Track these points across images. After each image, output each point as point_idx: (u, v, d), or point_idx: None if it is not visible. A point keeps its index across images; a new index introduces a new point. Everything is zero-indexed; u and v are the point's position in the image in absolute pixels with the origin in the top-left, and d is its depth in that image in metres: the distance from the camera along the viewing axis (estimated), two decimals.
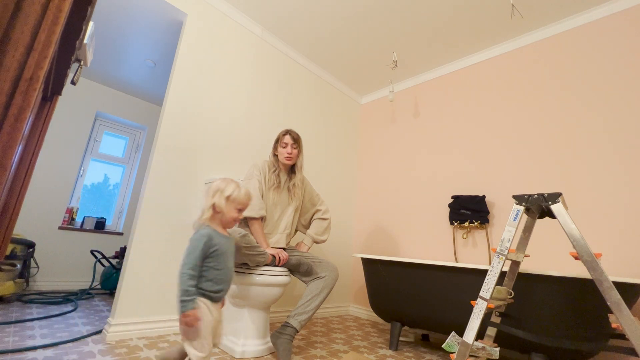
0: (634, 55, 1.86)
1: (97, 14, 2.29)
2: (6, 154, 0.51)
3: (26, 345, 1.36)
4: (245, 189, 1.18)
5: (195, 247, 1.05)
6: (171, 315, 1.79)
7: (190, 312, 0.98)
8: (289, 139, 1.76)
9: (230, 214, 1.14)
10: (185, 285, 1.00)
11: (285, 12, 2.33)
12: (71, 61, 0.91)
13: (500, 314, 1.41)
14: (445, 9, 2.17)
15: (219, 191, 1.13)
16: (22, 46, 0.53)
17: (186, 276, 1.01)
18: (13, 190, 0.86)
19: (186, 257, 1.03)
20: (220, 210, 1.12)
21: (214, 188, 1.14)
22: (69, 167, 3.10)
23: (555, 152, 2.03)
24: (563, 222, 1.09)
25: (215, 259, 1.08)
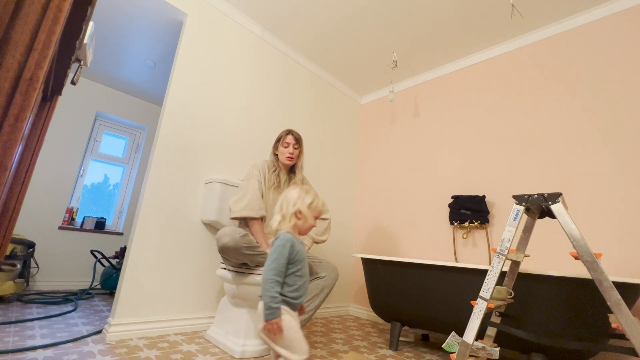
0: (631, 55, 1.86)
1: (97, 14, 2.29)
2: (6, 154, 0.51)
3: (26, 345, 1.36)
4: (322, 198, 1.19)
5: (281, 253, 1.04)
6: (171, 315, 1.79)
7: (275, 320, 0.97)
8: (291, 139, 1.76)
9: (309, 222, 1.15)
10: (272, 291, 0.99)
11: (285, 12, 2.33)
12: (71, 61, 0.91)
13: (500, 314, 1.41)
14: (445, 9, 2.17)
15: (300, 198, 1.14)
16: (22, 46, 0.53)
17: (272, 282, 1.00)
18: (13, 190, 0.86)
19: (272, 263, 1.02)
20: (302, 217, 1.13)
21: (295, 195, 1.15)
22: (69, 167, 3.10)
23: (556, 152, 2.03)
24: (563, 222, 1.09)
25: (296, 265, 1.07)
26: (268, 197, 1.72)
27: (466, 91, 2.59)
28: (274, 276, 1.01)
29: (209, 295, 1.97)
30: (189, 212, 1.94)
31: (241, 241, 1.42)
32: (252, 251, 1.46)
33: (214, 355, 1.47)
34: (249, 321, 1.54)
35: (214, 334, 1.66)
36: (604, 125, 1.89)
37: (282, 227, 1.11)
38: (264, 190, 1.72)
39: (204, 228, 2.00)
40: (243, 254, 1.44)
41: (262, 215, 1.64)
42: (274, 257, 1.04)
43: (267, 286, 1.01)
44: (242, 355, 1.46)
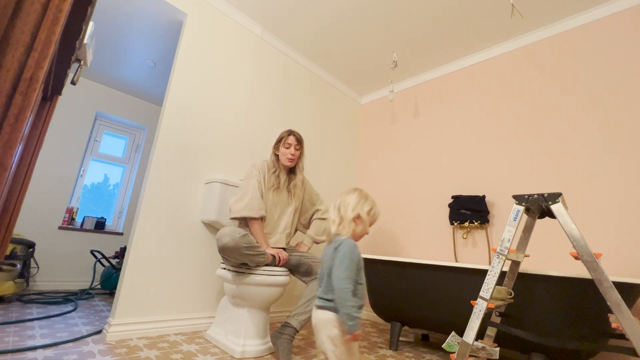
0: (631, 56, 1.86)
1: (97, 14, 2.29)
2: (6, 154, 0.51)
3: (26, 345, 1.36)
4: (378, 208, 1.16)
5: (352, 259, 1.00)
6: (171, 315, 1.79)
7: (358, 332, 0.94)
8: (292, 140, 1.75)
9: (366, 229, 1.12)
10: (352, 301, 0.95)
11: (285, 12, 2.33)
12: (71, 61, 0.91)
13: (500, 314, 1.41)
14: (445, 9, 2.16)
15: (360, 204, 1.11)
16: (22, 46, 0.53)
17: (349, 292, 0.96)
18: (13, 190, 0.86)
19: (345, 270, 0.98)
20: (360, 223, 1.10)
21: (354, 200, 1.11)
22: (69, 167, 3.10)
23: (556, 152, 2.03)
24: (563, 222, 1.09)
25: (359, 272, 1.03)
26: (267, 198, 1.72)
27: (466, 91, 2.59)
28: (350, 285, 0.96)
29: (209, 295, 1.97)
30: (189, 212, 1.94)
31: (241, 241, 1.42)
32: (252, 251, 1.46)
33: (214, 355, 1.47)
34: (249, 321, 1.54)
35: (214, 334, 1.66)
36: (604, 125, 1.89)
37: (342, 232, 1.08)
38: (264, 191, 1.72)
39: (204, 228, 2.00)
40: (243, 254, 1.44)
41: (262, 215, 1.64)
42: (347, 265, 0.99)
43: (346, 296, 0.95)
44: (242, 355, 1.46)
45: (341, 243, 1.04)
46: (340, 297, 0.96)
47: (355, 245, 1.04)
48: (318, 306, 1.04)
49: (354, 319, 0.94)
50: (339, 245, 1.04)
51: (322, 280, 1.08)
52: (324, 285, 1.06)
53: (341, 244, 1.04)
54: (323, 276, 1.08)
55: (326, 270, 1.05)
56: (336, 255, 1.02)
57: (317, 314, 1.03)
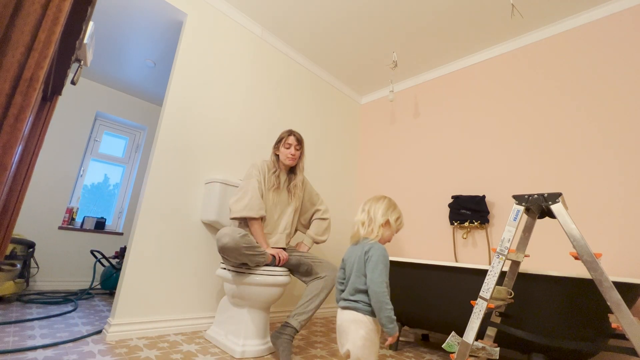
0: (631, 56, 1.86)
1: (97, 14, 2.29)
2: (6, 154, 0.51)
3: (26, 345, 1.36)
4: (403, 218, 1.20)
5: (386, 264, 1.04)
6: (171, 315, 1.79)
7: (396, 333, 0.98)
8: (293, 140, 1.75)
9: (391, 235, 1.16)
10: (390, 304, 0.98)
11: (285, 12, 2.33)
12: (71, 61, 0.91)
13: (500, 314, 1.41)
14: (445, 9, 2.17)
15: (389, 210, 1.15)
16: (22, 46, 0.53)
17: (387, 295, 0.99)
18: (13, 190, 0.86)
19: (381, 275, 1.01)
20: (388, 229, 1.14)
21: (384, 206, 1.15)
22: (69, 167, 3.10)
23: (556, 152, 2.03)
24: (563, 222, 1.09)
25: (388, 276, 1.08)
26: (267, 198, 1.72)
27: (466, 91, 2.59)
28: (387, 288, 1.00)
29: (209, 295, 1.97)
30: (189, 212, 1.94)
31: (241, 241, 1.42)
32: (252, 251, 1.46)
33: (214, 355, 1.47)
34: (249, 321, 1.54)
35: (214, 334, 1.66)
36: (603, 125, 1.89)
37: (370, 236, 1.11)
38: (264, 191, 1.72)
39: (204, 228, 2.00)
40: (243, 254, 1.44)
41: (261, 215, 1.64)
42: (381, 269, 1.01)
43: (385, 299, 0.98)
44: (242, 355, 1.46)
45: (371, 247, 1.07)
46: (380, 300, 0.98)
47: (385, 249, 1.07)
48: (344, 307, 1.06)
49: (392, 321, 0.97)
50: (369, 249, 1.06)
51: (348, 280, 1.10)
52: (349, 286, 1.07)
53: (372, 247, 1.06)
54: (349, 276, 1.09)
55: (353, 271, 1.08)
56: (369, 259, 1.04)
57: (344, 314, 1.05)
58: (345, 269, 1.15)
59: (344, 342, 1.03)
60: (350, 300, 1.05)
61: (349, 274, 1.10)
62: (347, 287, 1.08)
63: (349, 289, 1.07)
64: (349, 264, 1.12)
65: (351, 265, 1.10)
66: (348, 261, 1.13)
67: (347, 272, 1.12)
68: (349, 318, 1.03)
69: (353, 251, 1.13)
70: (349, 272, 1.11)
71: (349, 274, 1.10)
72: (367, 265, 1.04)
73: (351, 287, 1.06)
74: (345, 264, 1.14)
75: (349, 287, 1.08)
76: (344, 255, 1.19)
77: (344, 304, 1.07)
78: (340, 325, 1.05)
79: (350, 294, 1.06)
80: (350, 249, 1.16)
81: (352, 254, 1.12)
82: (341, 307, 1.07)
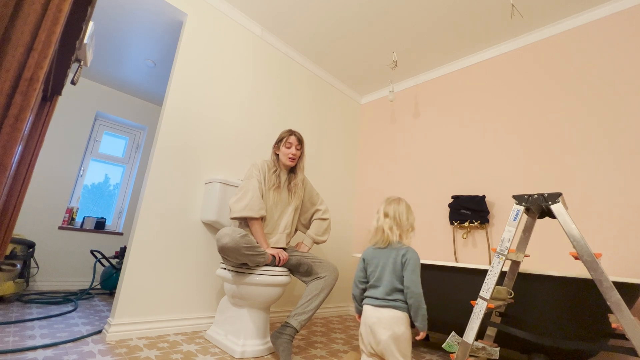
0: (630, 56, 1.86)
1: (97, 14, 2.29)
2: (6, 154, 0.51)
3: (26, 345, 1.36)
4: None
5: (420, 267, 1.15)
6: (171, 315, 1.79)
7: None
8: (294, 140, 1.76)
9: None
10: (425, 303, 1.10)
11: (286, 12, 2.33)
12: (71, 61, 0.91)
13: (500, 314, 1.41)
14: (445, 10, 2.17)
15: (411, 215, 1.25)
16: (22, 46, 0.53)
17: (422, 296, 1.11)
18: (13, 190, 0.86)
19: (419, 277, 1.12)
20: (412, 231, 1.24)
21: (407, 209, 1.24)
22: (69, 167, 3.10)
23: (556, 152, 2.03)
24: (563, 222, 1.09)
25: None
26: (268, 198, 1.72)
27: (466, 91, 2.59)
28: (422, 289, 1.11)
29: (209, 295, 1.97)
30: (189, 212, 1.94)
31: (241, 241, 1.42)
32: (252, 251, 1.46)
33: (214, 355, 1.47)
34: (249, 321, 1.54)
35: (214, 334, 1.66)
36: (603, 125, 1.89)
37: (403, 241, 1.19)
38: (264, 191, 1.72)
39: (204, 228, 2.00)
40: (243, 254, 1.44)
41: (262, 215, 1.64)
42: (418, 272, 1.12)
43: (422, 299, 1.10)
44: (242, 355, 1.46)
45: (407, 250, 1.16)
46: (419, 300, 1.10)
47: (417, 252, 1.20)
48: (381, 305, 1.13)
49: (426, 319, 1.10)
50: (406, 252, 1.16)
51: (377, 280, 1.18)
52: (386, 286, 1.15)
53: (408, 251, 1.16)
54: (379, 277, 1.17)
55: (388, 272, 1.16)
56: (407, 262, 1.14)
57: (382, 312, 1.12)
58: (367, 269, 1.23)
59: (380, 338, 1.09)
60: (389, 300, 1.13)
61: (378, 274, 1.18)
62: (382, 287, 1.16)
63: (386, 289, 1.15)
64: (376, 265, 1.19)
65: (382, 266, 1.18)
66: (374, 262, 1.20)
67: (375, 272, 1.19)
68: (388, 315, 1.10)
69: (383, 254, 1.20)
70: (378, 273, 1.18)
71: (379, 275, 1.17)
72: (406, 267, 1.14)
73: (388, 288, 1.14)
74: (369, 265, 1.22)
75: (385, 287, 1.15)
76: (364, 256, 1.26)
77: (380, 302, 1.14)
78: (373, 323, 1.11)
79: (387, 294, 1.14)
80: (376, 251, 1.23)
81: (381, 256, 1.20)
82: (376, 306, 1.15)
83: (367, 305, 1.17)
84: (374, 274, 1.19)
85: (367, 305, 1.17)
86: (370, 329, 1.12)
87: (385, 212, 1.25)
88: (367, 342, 1.12)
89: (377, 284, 1.18)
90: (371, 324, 1.12)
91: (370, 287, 1.20)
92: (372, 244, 1.26)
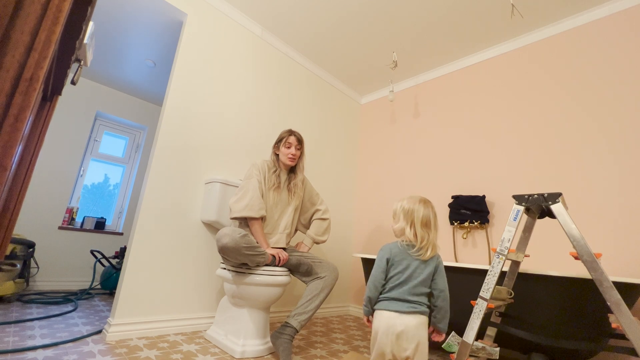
0: (629, 56, 1.86)
1: (97, 14, 2.29)
2: (6, 154, 0.51)
3: (26, 345, 1.36)
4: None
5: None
6: (171, 315, 1.79)
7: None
8: (293, 140, 1.76)
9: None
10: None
11: (286, 12, 2.33)
12: (71, 61, 0.91)
13: (500, 314, 1.41)
14: (445, 10, 2.16)
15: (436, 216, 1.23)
16: (22, 46, 0.53)
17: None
18: (13, 190, 0.86)
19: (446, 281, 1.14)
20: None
21: (435, 215, 1.21)
22: (69, 167, 3.10)
23: (556, 152, 2.03)
24: (563, 222, 1.09)
25: None
26: (268, 198, 1.72)
27: (466, 91, 2.59)
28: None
29: (209, 295, 1.97)
30: (189, 212, 1.94)
31: (241, 241, 1.42)
32: (252, 251, 1.46)
33: (214, 355, 1.47)
34: (249, 321, 1.54)
35: (214, 334, 1.66)
36: (603, 125, 1.89)
37: (436, 249, 1.17)
38: (264, 191, 1.72)
39: (204, 228, 2.00)
40: (243, 254, 1.44)
41: (262, 215, 1.64)
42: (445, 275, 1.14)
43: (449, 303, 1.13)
44: (242, 355, 1.46)
45: (439, 257, 1.16)
46: (448, 305, 1.12)
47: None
48: (406, 311, 1.05)
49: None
50: (437, 258, 1.15)
51: (408, 283, 1.10)
52: (415, 289, 1.10)
53: (439, 257, 1.15)
54: (405, 280, 1.11)
55: (420, 277, 1.11)
56: (439, 269, 1.14)
57: (407, 319, 1.04)
58: (390, 271, 1.13)
59: (408, 346, 1.03)
60: (417, 304, 1.08)
61: (407, 276, 1.10)
62: (411, 290, 1.09)
63: (415, 293, 1.09)
64: (406, 266, 1.11)
65: (411, 270, 1.10)
66: (404, 263, 1.12)
67: (404, 274, 1.10)
68: (416, 322, 1.05)
69: (414, 258, 1.12)
70: (407, 275, 1.10)
71: (408, 277, 1.10)
72: (439, 272, 1.13)
73: (417, 292, 1.09)
74: (396, 267, 1.12)
75: (414, 290, 1.09)
76: (389, 256, 1.15)
77: (409, 307, 1.06)
78: (404, 330, 1.03)
79: (415, 299, 1.08)
80: (405, 254, 1.13)
81: (411, 259, 1.12)
82: (402, 312, 1.06)
83: (388, 312, 1.07)
84: (401, 275, 1.11)
85: (388, 312, 1.07)
86: (395, 337, 1.03)
87: (424, 214, 1.16)
88: (389, 350, 1.03)
89: (404, 285, 1.10)
90: (398, 332, 1.03)
91: (394, 288, 1.10)
92: (401, 244, 1.16)
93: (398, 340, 1.03)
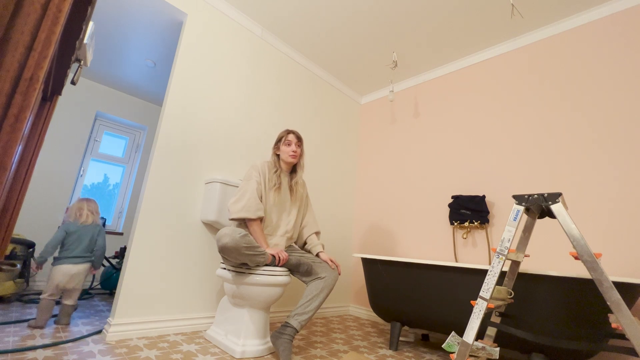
0: (628, 56, 1.86)
1: (97, 14, 2.29)
2: (6, 154, 0.51)
3: (26, 345, 1.36)
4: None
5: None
6: (171, 315, 1.79)
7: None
8: (293, 137, 1.76)
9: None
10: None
11: (285, 12, 2.33)
12: (71, 61, 0.91)
13: (500, 314, 1.41)
14: (445, 10, 2.17)
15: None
16: (22, 46, 0.53)
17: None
18: (13, 190, 0.86)
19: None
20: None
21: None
22: (69, 167, 3.10)
23: (556, 153, 2.03)
24: (563, 222, 1.09)
25: None
26: (269, 198, 1.72)
27: (466, 91, 2.59)
28: None
29: (209, 295, 1.97)
30: (189, 212, 1.94)
31: (241, 241, 1.42)
32: (252, 251, 1.46)
33: (214, 355, 1.47)
34: (249, 321, 1.54)
35: (214, 334, 1.66)
36: (603, 126, 1.89)
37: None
38: (265, 191, 1.72)
39: (204, 228, 2.00)
40: (243, 254, 1.44)
41: (259, 217, 1.64)
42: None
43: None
44: (242, 355, 1.46)
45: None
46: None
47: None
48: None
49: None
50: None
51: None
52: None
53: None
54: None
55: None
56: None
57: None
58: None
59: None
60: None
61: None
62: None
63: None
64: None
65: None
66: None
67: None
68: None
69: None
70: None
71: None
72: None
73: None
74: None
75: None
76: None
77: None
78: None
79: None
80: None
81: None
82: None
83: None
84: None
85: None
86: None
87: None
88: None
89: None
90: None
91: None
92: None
93: None
